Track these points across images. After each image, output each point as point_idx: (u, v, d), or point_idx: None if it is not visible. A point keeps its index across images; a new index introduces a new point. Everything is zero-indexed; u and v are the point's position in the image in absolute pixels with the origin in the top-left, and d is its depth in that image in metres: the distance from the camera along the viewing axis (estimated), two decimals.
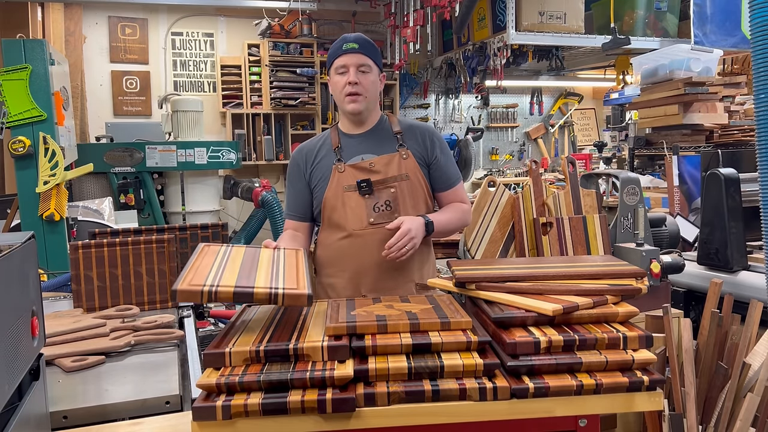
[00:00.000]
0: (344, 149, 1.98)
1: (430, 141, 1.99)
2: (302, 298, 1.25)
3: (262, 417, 1.14)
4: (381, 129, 2.01)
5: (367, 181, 1.90)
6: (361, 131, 2.00)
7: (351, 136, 2.01)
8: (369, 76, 1.93)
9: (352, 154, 1.97)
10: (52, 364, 1.63)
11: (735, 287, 2.40)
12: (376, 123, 2.02)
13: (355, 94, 1.91)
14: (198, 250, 1.50)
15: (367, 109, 1.97)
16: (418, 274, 1.98)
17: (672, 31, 5.23)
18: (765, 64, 1.98)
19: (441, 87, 6.49)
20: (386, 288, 1.91)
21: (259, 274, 1.33)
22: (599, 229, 2.31)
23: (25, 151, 3.32)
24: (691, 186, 3.75)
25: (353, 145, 1.99)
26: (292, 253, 1.54)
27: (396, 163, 1.94)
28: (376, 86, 1.97)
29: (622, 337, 1.24)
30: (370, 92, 1.94)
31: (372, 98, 1.96)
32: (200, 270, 1.33)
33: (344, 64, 1.91)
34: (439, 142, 2.01)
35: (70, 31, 5.05)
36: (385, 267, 1.91)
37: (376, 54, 1.97)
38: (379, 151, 1.96)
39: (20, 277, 1.12)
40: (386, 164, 1.94)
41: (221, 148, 4.44)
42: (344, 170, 1.94)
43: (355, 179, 1.92)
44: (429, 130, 2.03)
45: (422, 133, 2.00)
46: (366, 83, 1.92)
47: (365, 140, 1.99)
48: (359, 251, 1.93)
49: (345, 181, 1.93)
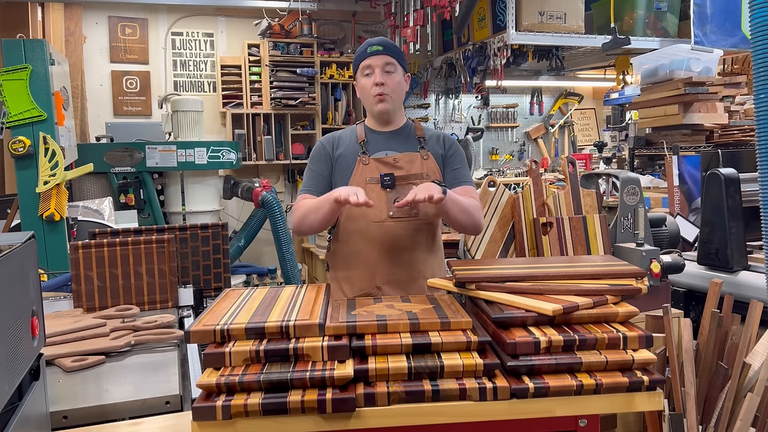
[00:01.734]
0: (370, 143, 2.04)
1: (449, 148, 2.06)
2: (313, 328, 1.24)
3: (262, 417, 1.14)
4: (406, 130, 2.08)
5: (391, 176, 1.96)
6: (387, 129, 2.07)
7: (377, 132, 2.06)
8: (394, 75, 1.98)
9: (377, 149, 2.03)
10: (52, 364, 1.63)
11: (735, 287, 2.40)
12: (402, 125, 2.08)
13: (382, 94, 1.97)
14: (221, 295, 1.52)
15: (393, 109, 2.03)
16: (430, 271, 2.02)
17: (672, 31, 5.23)
18: (765, 64, 1.98)
19: (441, 87, 6.48)
20: (400, 281, 1.97)
21: (274, 310, 1.33)
22: (599, 229, 2.31)
23: (25, 151, 3.32)
24: (691, 186, 3.75)
25: (378, 141, 2.04)
26: (314, 288, 1.54)
27: (419, 162, 2.00)
28: (401, 86, 2.02)
29: (622, 337, 1.24)
30: (396, 92, 2.00)
31: (398, 98, 2.02)
32: (217, 312, 1.34)
33: (369, 65, 1.98)
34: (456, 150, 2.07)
35: (70, 31, 5.05)
36: (400, 260, 1.97)
37: (400, 55, 2.02)
38: (402, 150, 2.02)
39: (20, 277, 1.12)
40: (409, 161, 2.00)
41: (221, 148, 4.43)
42: (369, 162, 1.99)
43: (379, 172, 1.97)
44: (447, 137, 2.11)
45: (441, 139, 2.08)
46: (391, 83, 1.98)
47: (391, 138, 2.05)
48: (376, 243, 1.97)
49: (368, 173, 1.98)
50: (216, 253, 2.51)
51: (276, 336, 1.23)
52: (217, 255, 2.51)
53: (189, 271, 2.48)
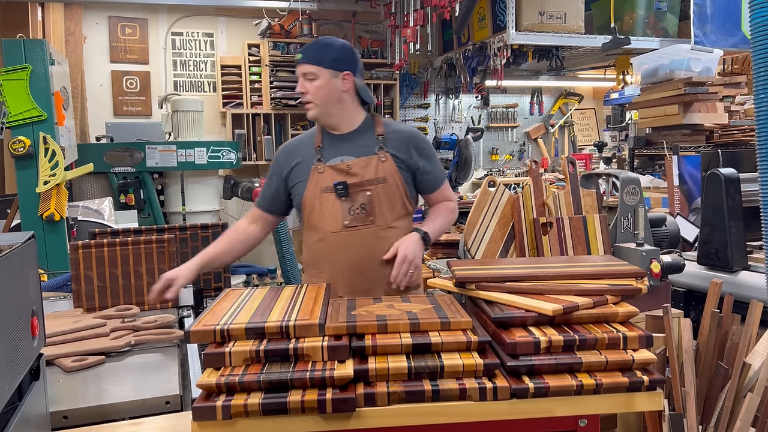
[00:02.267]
0: (326, 149, 1.99)
1: (415, 148, 1.99)
2: (313, 328, 1.24)
3: (262, 417, 1.14)
4: (363, 131, 2.01)
5: (344, 184, 1.91)
6: (341, 132, 2.01)
7: (334, 135, 2.02)
8: (315, 82, 1.93)
9: (333, 155, 1.98)
10: (52, 364, 1.63)
11: (735, 287, 2.40)
12: (359, 125, 2.02)
13: (306, 102, 1.97)
14: (221, 294, 1.52)
15: (326, 114, 1.98)
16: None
17: (672, 31, 5.23)
18: (765, 64, 1.98)
19: (441, 87, 6.48)
20: (362, 290, 1.91)
21: (274, 310, 1.32)
22: (599, 229, 2.31)
23: (25, 151, 3.32)
24: (691, 186, 3.75)
25: (335, 145, 2.00)
26: (314, 288, 1.54)
27: (374, 166, 1.94)
28: (326, 90, 1.94)
29: (622, 337, 1.24)
30: (318, 98, 1.94)
31: (326, 103, 1.95)
32: (217, 312, 1.33)
33: (297, 75, 1.99)
34: (423, 148, 2.01)
35: (70, 31, 5.05)
36: (359, 269, 1.93)
37: (325, 58, 1.93)
38: (359, 153, 1.97)
39: (20, 277, 1.12)
40: (364, 167, 1.94)
41: (221, 148, 4.43)
42: (323, 171, 1.95)
43: (333, 181, 1.93)
44: (412, 134, 2.02)
45: (406, 139, 1.99)
46: (312, 90, 1.94)
47: (346, 141, 2.00)
48: (334, 253, 1.95)
49: (323, 183, 1.94)
50: None
51: (276, 336, 1.23)
52: None
53: None
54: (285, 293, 1.49)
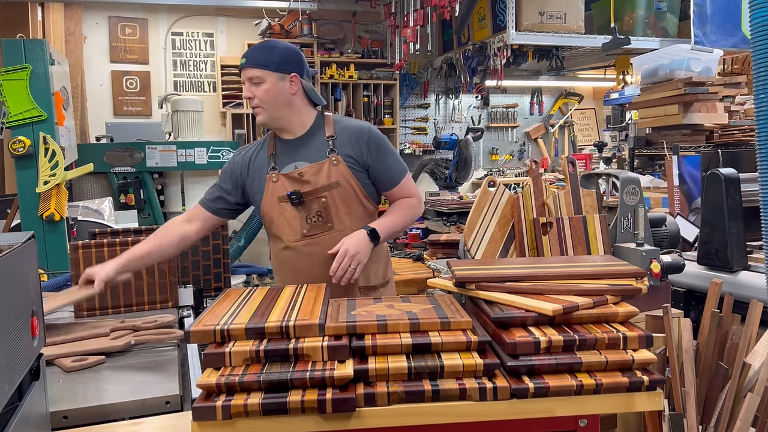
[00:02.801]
0: (279, 156, 1.96)
1: (365, 146, 1.94)
2: (313, 328, 1.24)
3: (262, 417, 1.14)
4: (314, 133, 1.97)
5: (297, 193, 1.89)
6: (292, 137, 1.97)
7: (285, 141, 1.98)
8: (261, 86, 1.89)
9: (287, 162, 1.95)
10: (52, 364, 1.63)
11: (735, 287, 2.40)
12: (309, 127, 1.97)
13: (254, 107, 1.93)
14: (221, 294, 1.52)
15: (275, 118, 1.94)
16: (363, 277, 1.96)
17: (672, 31, 5.23)
18: (765, 64, 1.98)
19: (441, 87, 6.49)
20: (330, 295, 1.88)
21: (274, 310, 1.33)
22: (599, 229, 2.31)
23: (25, 151, 3.32)
24: (691, 186, 3.75)
25: (287, 152, 1.96)
26: (314, 288, 1.54)
27: (326, 172, 1.90)
28: (275, 93, 1.89)
29: (622, 337, 1.24)
30: (267, 102, 1.90)
31: (274, 107, 1.91)
32: (217, 312, 1.33)
33: (242, 79, 1.94)
34: (374, 145, 1.94)
35: (70, 31, 5.05)
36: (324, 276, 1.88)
37: (270, 61, 1.88)
38: (311, 158, 1.93)
39: (20, 277, 1.12)
40: (315, 173, 1.90)
41: (221, 148, 4.43)
42: (278, 180, 1.92)
43: (287, 191, 1.90)
44: (362, 130, 1.96)
45: (356, 136, 1.94)
46: (259, 94, 1.89)
47: (298, 146, 1.96)
48: (296, 262, 1.94)
49: (278, 192, 1.92)
50: (216, 253, 2.51)
51: (276, 336, 1.23)
52: (217, 255, 2.51)
53: (189, 271, 2.48)
54: (285, 293, 1.49)
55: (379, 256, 2.05)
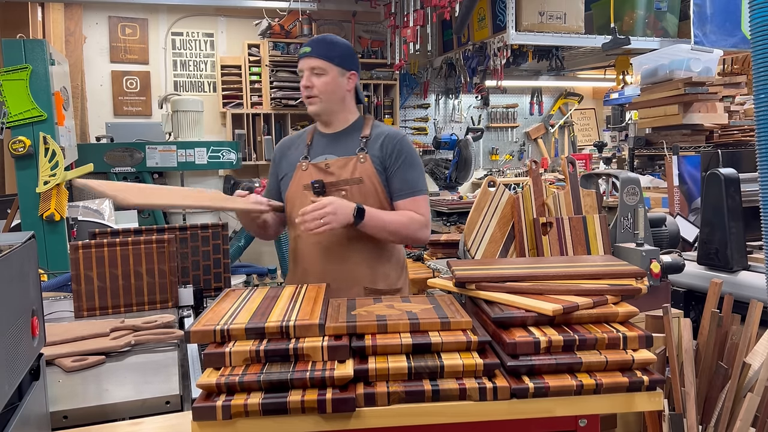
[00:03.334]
0: (314, 147, 2.02)
1: (394, 148, 1.96)
2: (313, 328, 1.24)
3: (262, 417, 1.14)
4: (352, 131, 2.02)
5: (320, 182, 1.93)
6: (331, 131, 2.03)
7: (323, 135, 2.04)
8: (323, 77, 1.93)
9: (319, 153, 2.01)
10: (52, 364, 1.63)
11: (735, 287, 2.40)
12: (349, 125, 2.03)
13: (309, 96, 1.96)
14: (221, 294, 1.52)
15: (327, 111, 1.99)
16: (369, 278, 1.97)
17: (672, 31, 5.23)
18: (765, 64, 1.98)
19: (441, 87, 6.48)
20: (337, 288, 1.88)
21: (274, 310, 1.33)
22: (599, 229, 2.31)
23: (26, 151, 3.32)
24: (691, 186, 3.75)
25: (322, 145, 2.02)
26: (314, 288, 1.55)
27: (351, 166, 1.94)
28: (333, 87, 1.95)
29: (622, 337, 1.24)
30: (325, 93, 1.95)
31: (329, 99, 1.96)
32: (217, 312, 1.33)
33: (300, 69, 1.98)
34: (399, 151, 1.96)
35: (70, 31, 5.05)
36: (333, 268, 1.93)
37: (335, 55, 1.94)
38: (341, 153, 1.98)
39: (20, 277, 1.12)
40: (341, 167, 1.95)
41: (221, 148, 4.44)
42: (307, 168, 1.98)
43: (311, 179, 1.95)
44: (395, 136, 1.99)
45: (389, 139, 1.97)
46: (319, 85, 1.93)
47: (333, 141, 2.02)
48: (307, 250, 1.98)
49: (304, 180, 1.97)
50: (216, 253, 2.51)
51: (276, 336, 1.23)
52: (217, 255, 2.51)
53: (189, 271, 2.47)
54: (285, 293, 1.49)
55: (390, 261, 2.04)
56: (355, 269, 1.96)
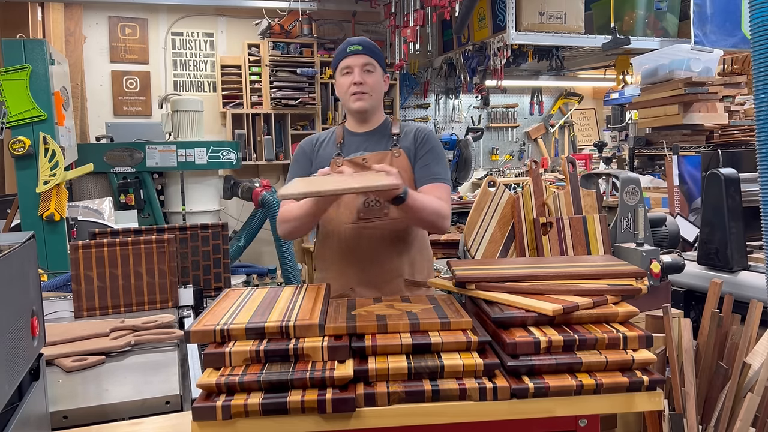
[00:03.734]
0: (346, 145, 2.04)
1: (424, 138, 2.03)
2: (313, 328, 1.24)
3: (262, 417, 1.14)
4: (382, 130, 2.07)
5: None
6: (364, 130, 2.06)
7: (354, 134, 2.06)
8: (373, 75, 1.99)
9: (352, 151, 2.03)
10: (52, 364, 1.63)
11: (735, 287, 2.40)
12: (379, 124, 2.07)
13: (360, 93, 1.98)
14: (221, 294, 1.52)
15: (371, 108, 2.03)
16: (408, 270, 2.01)
17: (672, 31, 5.23)
18: (765, 64, 1.98)
19: (441, 87, 6.48)
20: (373, 281, 1.95)
21: (274, 310, 1.33)
22: (599, 229, 2.31)
23: (25, 151, 3.32)
24: (691, 186, 3.75)
25: (355, 143, 2.04)
26: (314, 288, 1.55)
27: (388, 161, 1.98)
28: (380, 86, 2.03)
29: (622, 337, 1.24)
30: (374, 91, 2.00)
31: (376, 98, 2.03)
32: (217, 312, 1.34)
33: (349, 65, 1.98)
34: (427, 141, 2.02)
35: (70, 31, 5.05)
36: (372, 261, 1.95)
37: (380, 56, 2.03)
38: (375, 150, 2.02)
39: (20, 277, 1.12)
40: (379, 161, 1.97)
41: (221, 148, 4.43)
42: (341, 164, 1.98)
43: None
44: (423, 129, 2.07)
45: (419, 131, 2.05)
46: (371, 82, 1.98)
47: (367, 139, 2.05)
48: (349, 244, 1.97)
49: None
50: (216, 253, 2.51)
51: (276, 336, 1.23)
52: (217, 255, 2.51)
53: (189, 271, 2.48)
54: (285, 293, 1.49)
55: (423, 256, 2.09)
56: (397, 261, 1.99)
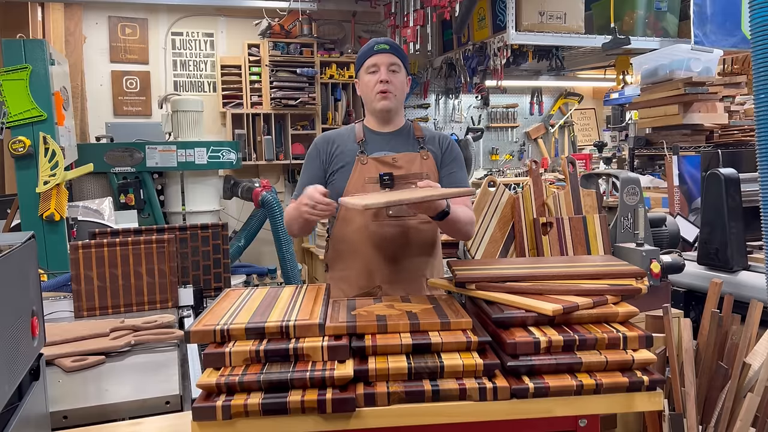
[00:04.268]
0: (368, 143, 2.03)
1: (448, 147, 2.06)
2: (313, 328, 1.24)
3: (262, 417, 1.14)
4: (405, 131, 2.07)
5: (390, 175, 1.94)
6: (386, 130, 2.06)
7: (376, 132, 2.06)
8: (399, 75, 1.99)
9: (375, 150, 2.02)
10: (52, 364, 1.63)
11: (735, 287, 2.40)
12: (401, 126, 2.08)
13: (386, 91, 1.97)
14: (221, 294, 1.52)
15: (396, 108, 2.03)
16: (429, 270, 2.03)
17: (672, 31, 5.23)
18: (765, 64, 1.98)
19: (441, 87, 6.48)
20: (401, 280, 1.96)
21: (274, 310, 1.33)
22: (599, 229, 2.31)
23: (25, 151, 3.32)
24: (691, 186, 3.75)
25: (377, 142, 2.04)
26: (314, 288, 1.54)
27: (418, 162, 1.99)
28: (404, 87, 2.03)
29: (622, 337, 1.24)
30: (399, 90, 2.00)
31: (401, 97, 2.03)
32: (217, 312, 1.33)
33: (375, 63, 1.98)
34: (452, 151, 2.06)
35: (70, 31, 5.04)
36: (400, 259, 1.96)
37: (405, 57, 2.03)
38: (401, 150, 2.02)
39: (20, 277, 1.12)
40: (409, 161, 1.99)
41: (221, 148, 4.43)
42: (367, 162, 1.98)
43: (378, 172, 1.95)
44: (447, 138, 2.10)
45: (442, 139, 2.07)
46: (396, 82, 1.99)
47: (390, 139, 2.05)
48: (376, 242, 1.97)
49: (367, 173, 1.97)
50: (216, 253, 2.51)
51: (276, 336, 1.23)
52: (217, 255, 2.51)
53: (189, 271, 2.48)
54: (285, 293, 1.49)
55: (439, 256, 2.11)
56: (422, 261, 2.01)
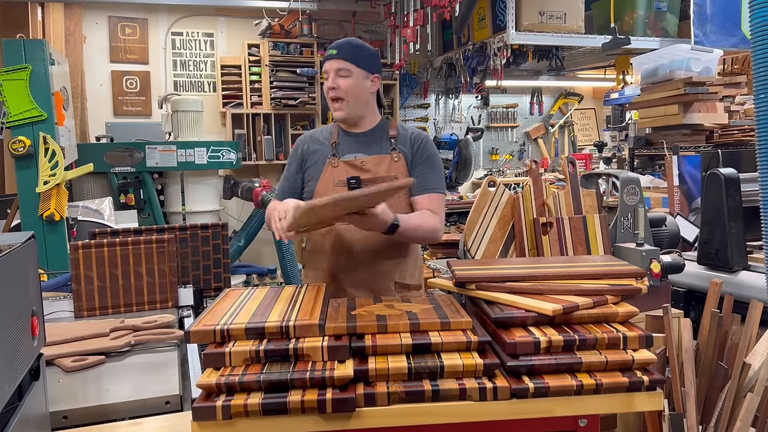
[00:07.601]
0: (341, 145, 2.03)
1: (420, 144, 2.01)
2: (313, 328, 1.24)
3: (262, 417, 1.14)
4: (378, 131, 2.05)
5: (357, 179, 1.94)
6: (358, 131, 2.05)
7: (349, 134, 2.05)
8: (349, 79, 1.94)
9: (347, 151, 2.02)
10: (52, 364, 1.63)
11: (735, 287, 2.40)
12: (375, 125, 2.05)
13: (335, 99, 1.95)
14: (221, 294, 1.52)
15: (353, 115, 1.99)
16: (398, 273, 2.01)
17: (672, 31, 5.23)
18: (765, 64, 1.98)
19: (441, 87, 6.48)
20: (366, 284, 1.96)
21: (274, 310, 1.33)
22: (599, 229, 2.31)
23: (25, 151, 3.32)
24: (691, 186, 3.75)
25: (350, 143, 2.03)
26: (314, 288, 1.55)
27: (386, 165, 1.97)
28: (359, 89, 1.96)
29: (622, 337, 1.24)
30: (350, 95, 1.95)
31: (356, 101, 1.97)
32: (217, 312, 1.33)
33: (326, 70, 1.97)
34: (423, 149, 2.01)
35: (70, 31, 5.05)
36: (366, 264, 1.95)
37: (360, 57, 1.96)
38: (372, 152, 2.01)
39: (20, 277, 1.12)
40: (377, 164, 1.98)
41: (221, 148, 4.43)
42: (337, 165, 1.98)
43: (346, 175, 1.95)
44: (421, 135, 2.05)
45: (416, 137, 2.03)
46: (345, 86, 1.94)
47: (361, 140, 2.03)
48: (343, 246, 1.97)
49: (336, 176, 1.97)
50: (216, 253, 2.51)
51: (276, 336, 1.23)
52: (217, 255, 2.51)
53: (189, 271, 2.48)
54: (285, 293, 1.49)
55: (415, 259, 2.09)
56: (389, 264, 1.99)
